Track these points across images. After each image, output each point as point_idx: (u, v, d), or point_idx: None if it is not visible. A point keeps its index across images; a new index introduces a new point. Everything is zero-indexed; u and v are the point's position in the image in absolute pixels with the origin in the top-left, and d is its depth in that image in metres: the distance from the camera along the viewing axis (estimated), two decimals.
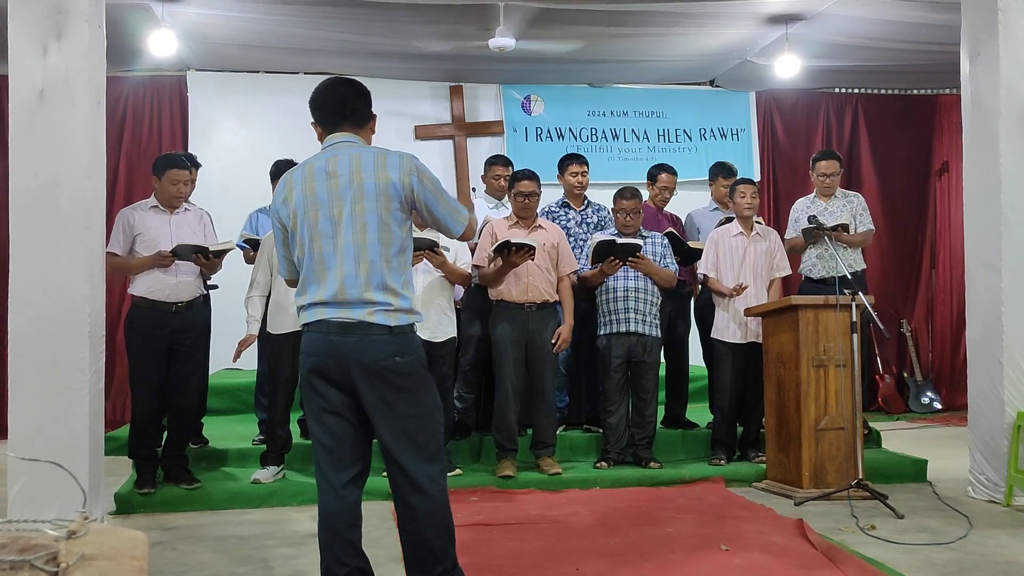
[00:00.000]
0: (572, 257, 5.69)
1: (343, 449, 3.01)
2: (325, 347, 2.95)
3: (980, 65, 5.25)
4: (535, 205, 5.63)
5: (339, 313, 2.93)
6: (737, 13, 7.01)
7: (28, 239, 4.42)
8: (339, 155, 3.00)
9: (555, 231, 5.69)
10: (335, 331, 2.94)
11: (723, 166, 6.82)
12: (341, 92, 3.12)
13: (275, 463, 5.38)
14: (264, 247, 5.38)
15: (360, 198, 2.93)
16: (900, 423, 8.24)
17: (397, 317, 2.95)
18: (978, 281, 5.31)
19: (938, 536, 4.39)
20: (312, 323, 2.99)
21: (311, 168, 3.02)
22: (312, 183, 2.99)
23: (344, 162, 2.97)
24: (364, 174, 2.94)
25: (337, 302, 2.94)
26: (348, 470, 3.01)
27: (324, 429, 3.01)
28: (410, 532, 3.00)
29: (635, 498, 5.22)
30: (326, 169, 2.98)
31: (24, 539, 1.50)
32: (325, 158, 3.02)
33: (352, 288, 2.92)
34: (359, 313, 2.92)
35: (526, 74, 8.55)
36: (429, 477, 2.96)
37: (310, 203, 2.97)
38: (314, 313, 2.98)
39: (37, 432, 4.34)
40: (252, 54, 7.94)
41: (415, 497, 2.96)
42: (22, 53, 4.44)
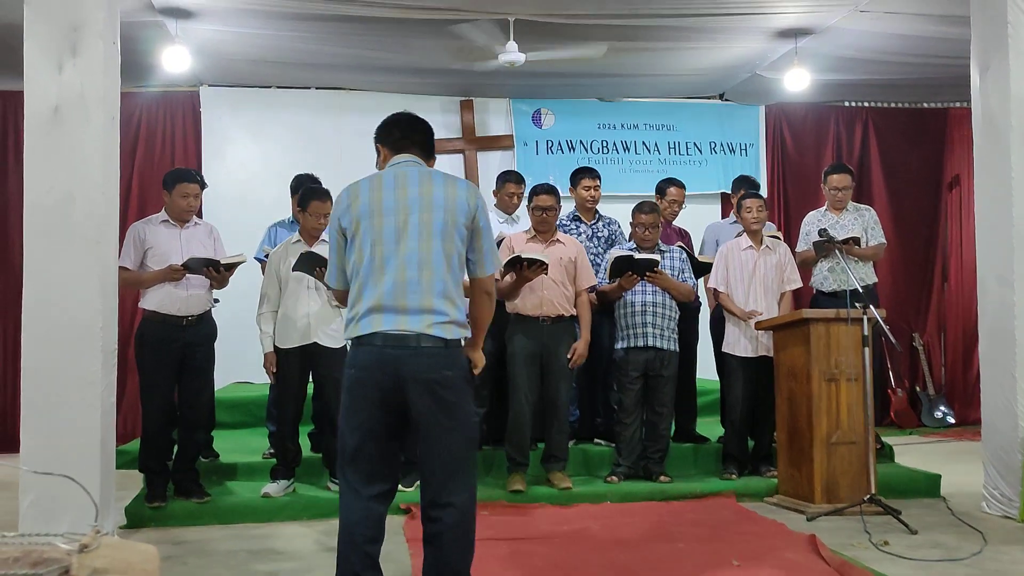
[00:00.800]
0: (591, 272, 5.68)
1: (377, 465, 3.04)
2: (378, 360, 2.98)
3: (990, 78, 5.25)
4: (553, 219, 5.63)
5: (396, 323, 2.97)
6: (747, 27, 7.02)
7: (42, 254, 4.44)
8: (408, 171, 3.11)
9: (573, 245, 5.68)
10: (389, 343, 2.97)
11: (746, 180, 6.81)
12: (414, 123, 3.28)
13: (285, 477, 5.38)
14: (271, 262, 5.40)
15: (428, 208, 3.02)
16: (913, 437, 8.19)
17: (452, 330, 3.02)
18: (990, 294, 5.29)
19: (952, 552, 4.36)
20: (364, 336, 3.01)
21: (379, 179, 3.10)
22: (380, 192, 3.06)
23: (413, 177, 3.08)
24: (434, 188, 3.05)
25: (395, 308, 2.98)
26: (378, 485, 3.05)
27: (361, 443, 3.03)
28: (435, 545, 3.04)
29: (646, 513, 5.20)
30: (395, 181, 3.07)
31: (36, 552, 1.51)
32: (394, 173, 3.11)
33: (413, 293, 2.98)
34: (417, 324, 2.97)
35: (536, 88, 8.58)
36: (459, 489, 3.02)
37: (376, 210, 3.03)
38: (369, 323, 3.00)
39: (49, 445, 4.35)
40: (264, 69, 7.99)
41: (444, 511, 3.01)
42: (37, 69, 4.48)
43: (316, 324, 5.25)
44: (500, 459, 5.70)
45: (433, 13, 6.53)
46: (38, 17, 4.48)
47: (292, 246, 5.34)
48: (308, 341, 5.25)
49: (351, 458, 3.05)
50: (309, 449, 5.75)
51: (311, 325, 5.24)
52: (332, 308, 5.30)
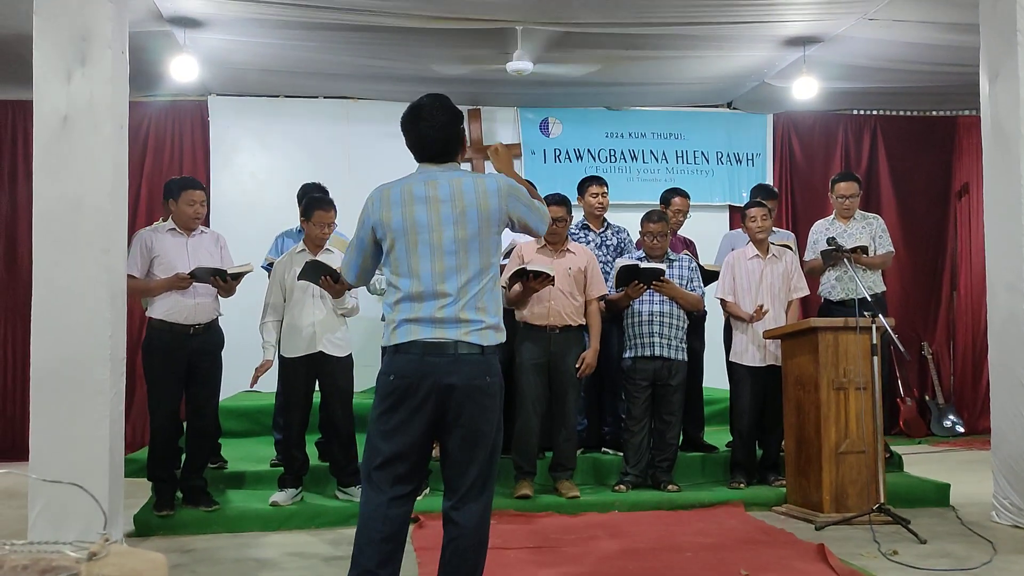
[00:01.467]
0: (601, 281, 5.68)
1: (405, 468, 3.05)
2: (418, 368, 3.00)
3: (1000, 86, 5.24)
4: (564, 230, 5.63)
5: (434, 333, 3.00)
6: (754, 36, 7.02)
7: (51, 262, 4.46)
8: (439, 180, 3.09)
9: (584, 255, 5.68)
10: (430, 352, 3.00)
11: (764, 188, 6.81)
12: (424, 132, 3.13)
13: (293, 485, 5.38)
14: (276, 271, 5.41)
15: (463, 223, 3.03)
16: (922, 447, 8.16)
17: (488, 336, 3.05)
18: (1000, 303, 5.27)
19: (962, 562, 4.33)
20: (404, 344, 3.03)
21: (410, 191, 3.09)
22: (412, 207, 3.06)
23: (444, 188, 3.07)
24: (466, 200, 3.05)
25: (432, 320, 3.01)
26: (403, 487, 3.06)
27: (390, 448, 3.03)
28: (450, 548, 3.06)
29: (654, 522, 5.19)
30: (426, 194, 3.06)
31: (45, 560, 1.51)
32: (424, 181, 3.10)
33: (451, 308, 3.00)
34: (454, 333, 3.00)
35: (544, 97, 8.59)
36: (482, 494, 3.06)
37: (410, 226, 3.04)
38: (407, 332, 3.03)
39: (58, 454, 4.36)
40: (272, 79, 8.02)
41: (465, 515, 3.04)
42: (47, 79, 4.50)
43: (321, 333, 5.26)
44: (507, 467, 5.68)
45: (441, 22, 6.54)
46: (47, 27, 4.50)
47: (297, 255, 5.35)
48: (314, 350, 5.26)
49: (381, 463, 3.04)
50: (316, 458, 5.75)
51: (316, 334, 5.25)
52: (337, 317, 5.31)
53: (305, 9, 6.27)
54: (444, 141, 3.15)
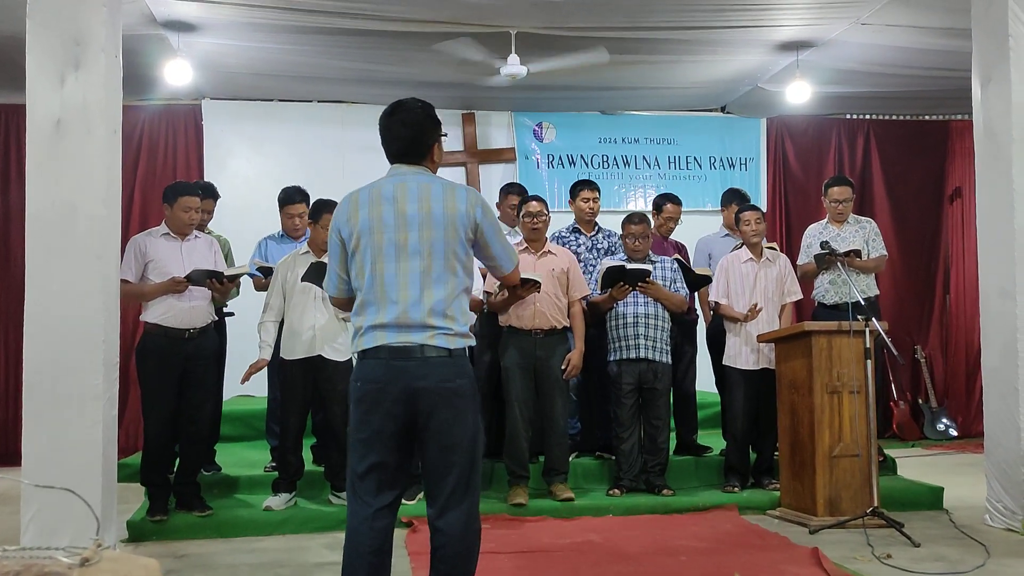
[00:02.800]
0: (583, 282, 5.69)
1: (386, 475, 3.02)
2: (385, 373, 2.98)
3: (992, 91, 5.26)
4: (544, 228, 5.64)
5: (399, 337, 2.97)
6: (748, 40, 7.04)
7: (44, 266, 4.45)
8: (407, 182, 3.06)
9: (565, 256, 5.69)
10: (395, 356, 2.97)
11: (736, 192, 6.83)
12: (396, 130, 3.12)
13: (287, 490, 5.37)
14: (278, 272, 5.40)
15: (428, 226, 2.99)
16: (915, 450, 8.18)
17: (455, 340, 3.00)
18: (993, 307, 5.29)
19: (955, 565, 4.34)
20: (370, 349, 3.01)
21: (378, 192, 3.06)
22: (379, 207, 3.02)
23: (413, 190, 3.03)
24: (433, 203, 3.01)
25: (397, 325, 2.97)
26: (385, 496, 3.03)
27: (370, 455, 3.01)
28: (439, 556, 3.03)
29: (648, 526, 5.18)
30: (394, 195, 3.03)
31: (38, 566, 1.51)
32: (393, 184, 3.07)
33: (415, 312, 2.97)
34: (420, 337, 2.96)
35: (537, 101, 8.60)
36: (466, 499, 3.02)
37: (376, 226, 3.01)
38: (373, 338, 3.00)
39: (51, 459, 4.35)
40: (266, 83, 8.02)
41: (449, 522, 3.00)
42: (40, 83, 4.49)
43: (322, 337, 5.25)
44: (501, 472, 5.69)
45: (435, 26, 6.55)
46: (40, 31, 4.50)
47: (300, 257, 5.35)
48: (313, 354, 5.25)
49: (361, 471, 3.03)
50: (311, 462, 5.74)
51: (316, 338, 5.24)
52: (339, 321, 5.30)
53: (299, 13, 6.28)
54: (412, 139, 3.09)
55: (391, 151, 3.14)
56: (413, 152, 3.11)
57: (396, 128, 3.11)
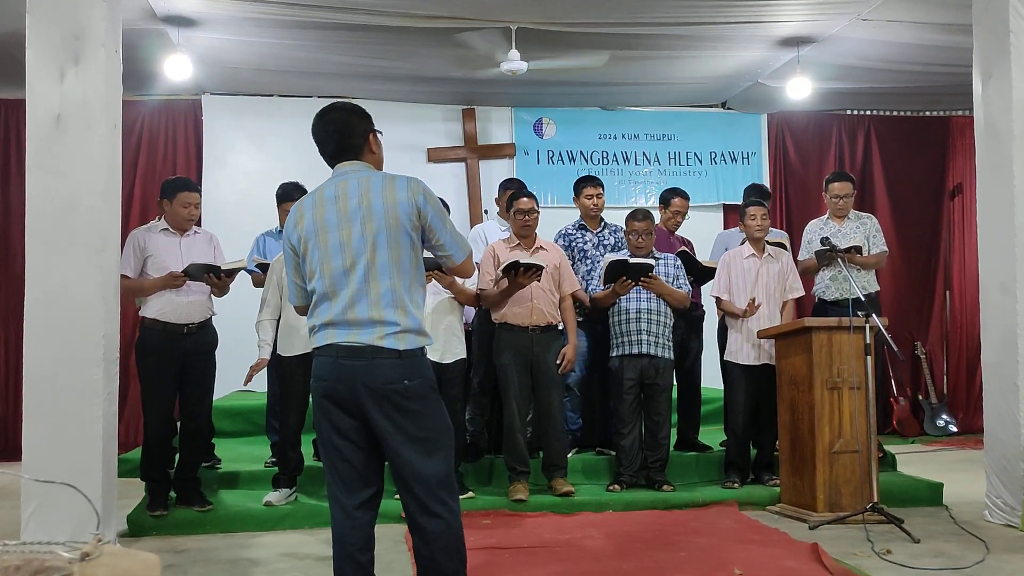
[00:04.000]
0: (573, 276, 5.71)
1: (354, 473, 3.01)
2: (335, 371, 2.96)
3: (993, 87, 5.25)
4: (534, 223, 5.64)
5: (348, 336, 2.95)
6: (748, 36, 7.03)
7: (44, 261, 4.45)
8: (348, 180, 3.05)
9: (556, 252, 5.69)
10: (344, 355, 2.95)
11: (757, 188, 6.82)
12: (324, 133, 3.15)
13: (287, 485, 5.38)
14: (273, 269, 5.39)
15: (369, 218, 2.96)
16: (915, 446, 8.18)
17: (406, 340, 2.95)
18: (993, 303, 5.28)
19: (955, 561, 4.34)
20: (322, 347, 3.01)
21: (321, 194, 3.06)
22: (322, 208, 3.02)
23: (353, 186, 3.02)
24: (372, 195, 2.98)
25: (347, 322, 2.95)
26: (360, 493, 3.02)
27: (335, 453, 3.01)
28: (423, 556, 3.00)
29: (648, 521, 5.19)
30: (335, 194, 3.03)
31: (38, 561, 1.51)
32: (335, 184, 3.07)
33: (362, 307, 2.94)
34: (368, 336, 2.93)
35: (538, 97, 8.60)
36: (440, 500, 2.96)
37: (320, 227, 3.00)
38: (324, 336, 3.00)
39: (51, 454, 4.35)
40: (266, 78, 8.01)
41: (427, 520, 2.95)
42: (40, 78, 4.49)
43: None
44: (502, 468, 5.69)
45: (435, 22, 6.54)
46: (40, 25, 4.49)
47: None
48: (310, 349, 5.23)
49: (328, 469, 3.04)
50: (311, 457, 5.74)
51: None
52: None
53: (299, 8, 6.27)
54: (341, 136, 3.11)
55: (328, 153, 3.15)
56: (347, 149, 3.12)
57: (324, 131, 3.14)
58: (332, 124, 3.14)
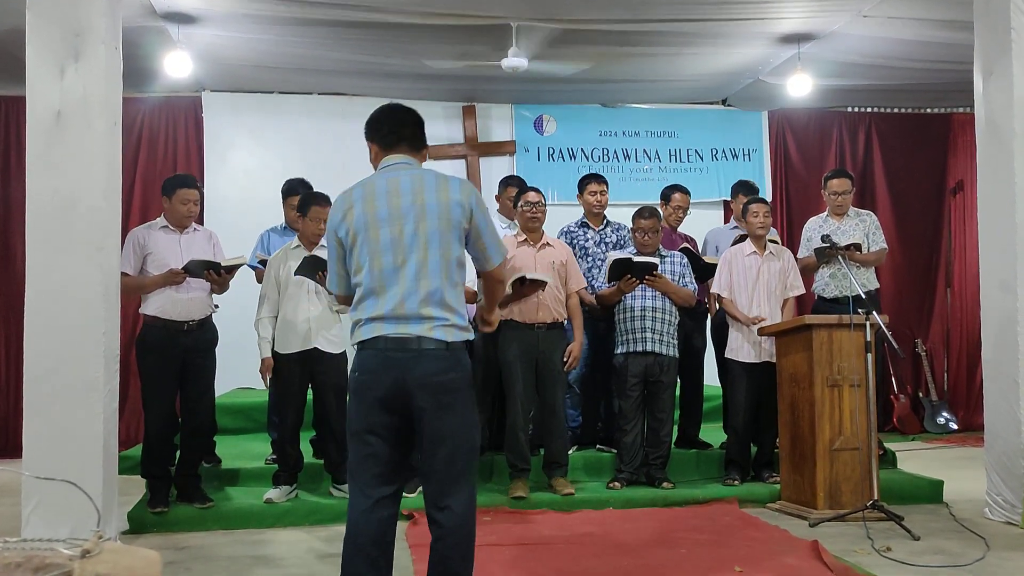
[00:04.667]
0: (580, 274, 5.71)
1: (383, 467, 3.04)
2: (381, 363, 3.00)
3: (994, 84, 5.25)
4: (542, 217, 5.64)
5: (397, 328, 2.99)
6: (749, 33, 7.02)
7: (44, 259, 4.45)
8: (400, 176, 3.09)
9: (563, 249, 5.69)
10: (392, 347, 2.99)
11: (745, 184, 6.83)
12: (402, 116, 3.24)
13: (287, 482, 5.38)
14: (271, 266, 5.39)
15: (423, 217, 3.01)
16: (915, 444, 8.18)
17: (453, 333, 3.02)
18: (993, 301, 5.28)
19: (955, 558, 4.35)
20: (368, 340, 3.03)
21: (372, 187, 3.09)
22: (373, 202, 3.05)
23: (406, 182, 3.06)
24: (426, 194, 3.03)
25: (395, 316, 2.99)
26: (385, 487, 3.04)
27: (366, 447, 3.03)
28: (437, 549, 3.04)
29: (648, 519, 5.19)
30: (387, 188, 3.06)
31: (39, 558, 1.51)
32: (386, 178, 3.10)
33: (412, 303, 2.98)
34: (417, 328, 2.98)
35: (538, 94, 8.59)
36: (461, 494, 3.02)
37: (371, 221, 3.03)
38: (371, 329, 3.02)
39: (52, 451, 4.36)
40: (267, 75, 8.00)
41: (445, 513, 3.00)
42: (40, 75, 4.49)
43: (317, 329, 5.25)
44: (502, 465, 5.70)
45: (436, 18, 6.53)
46: (40, 22, 4.49)
47: (292, 251, 5.34)
48: (308, 346, 5.25)
49: (359, 462, 3.05)
50: (311, 455, 5.75)
51: (312, 330, 5.25)
52: (332, 313, 5.31)
53: (299, 5, 6.26)
54: (416, 127, 3.21)
55: (396, 135, 3.19)
56: (417, 140, 3.21)
57: (402, 116, 3.22)
58: (410, 115, 3.25)
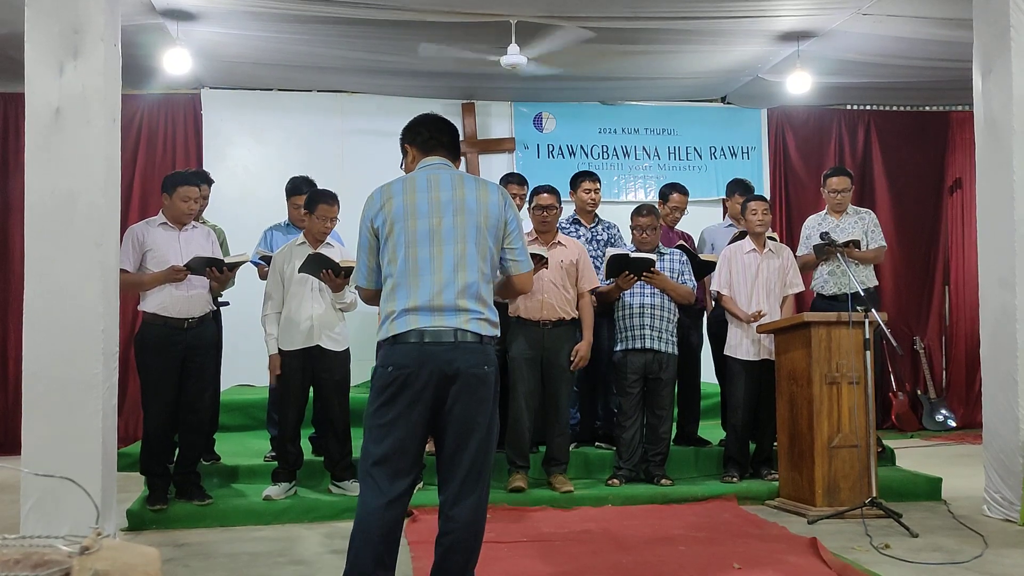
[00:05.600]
0: (593, 273, 5.69)
1: (404, 461, 3.04)
2: (417, 356, 3.00)
3: (992, 81, 5.25)
4: (554, 219, 5.64)
5: (433, 321, 3.01)
6: (749, 30, 7.02)
7: (43, 256, 4.45)
8: (440, 174, 3.16)
9: (575, 247, 5.68)
10: (429, 339, 3.00)
11: (740, 183, 6.83)
12: (441, 124, 3.33)
13: (287, 480, 5.38)
14: (275, 262, 5.39)
15: (461, 211, 3.07)
16: (914, 441, 8.19)
17: (486, 327, 3.07)
18: (992, 298, 5.29)
19: (953, 555, 4.35)
20: (401, 334, 3.02)
21: (413, 181, 3.14)
22: (413, 195, 3.10)
23: (446, 179, 3.14)
24: (466, 191, 3.11)
25: (431, 308, 3.01)
26: (402, 481, 3.04)
27: (392, 439, 3.02)
28: (447, 544, 3.06)
29: (647, 516, 5.19)
30: (428, 184, 3.12)
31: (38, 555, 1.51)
32: (426, 175, 3.16)
33: (449, 294, 3.02)
34: (454, 320, 3.01)
35: (537, 91, 8.58)
36: (479, 489, 3.06)
37: (410, 212, 3.07)
38: (405, 322, 3.02)
39: (51, 448, 4.36)
40: (266, 72, 8.00)
41: (461, 509, 3.03)
42: (39, 72, 4.48)
43: (319, 327, 5.26)
44: (501, 462, 5.68)
45: (435, 15, 6.53)
46: (39, 19, 4.49)
47: (297, 248, 5.34)
48: (311, 344, 5.25)
49: (380, 458, 3.02)
50: (310, 452, 5.75)
51: (314, 328, 5.25)
52: (335, 311, 5.31)
53: (298, 2, 6.26)
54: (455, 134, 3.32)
55: (438, 140, 3.27)
56: (454, 148, 3.31)
57: (442, 124, 3.32)
58: (448, 125, 3.35)
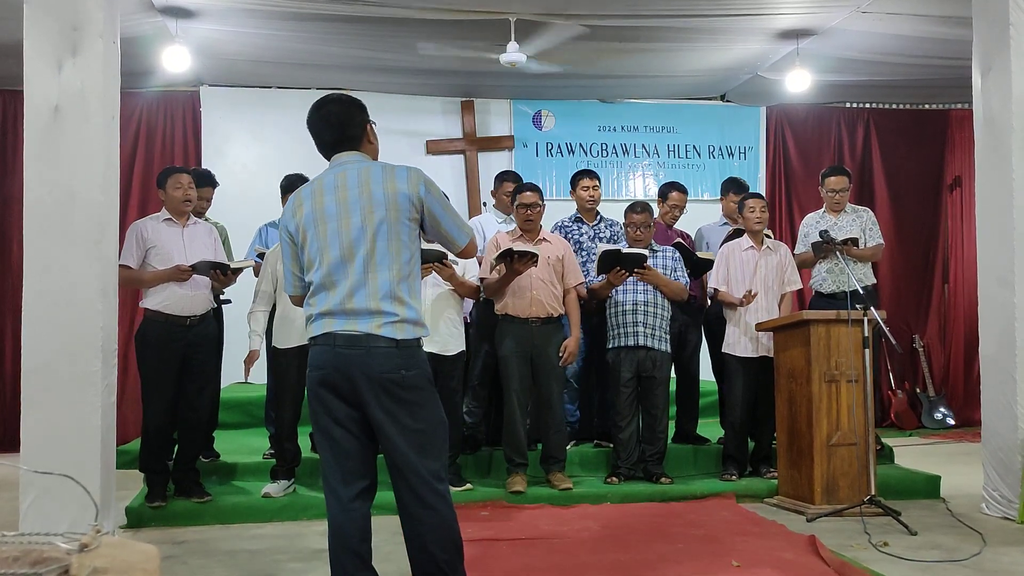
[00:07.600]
0: (578, 269, 5.69)
1: (350, 463, 3.01)
2: (332, 360, 2.97)
3: (992, 80, 5.25)
4: (538, 217, 5.63)
5: (346, 325, 2.95)
6: (748, 28, 7.02)
7: (42, 253, 4.44)
8: (348, 170, 3.05)
9: (560, 244, 5.69)
10: (341, 344, 2.95)
11: (735, 181, 6.83)
12: (324, 123, 3.15)
13: (285, 477, 5.38)
14: (268, 260, 5.39)
15: (370, 209, 2.96)
16: (913, 439, 8.19)
17: (404, 330, 2.96)
18: (991, 296, 5.29)
19: (951, 553, 4.36)
20: (319, 336, 3.01)
21: (320, 183, 3.07)
22: (321, 198, 3.02)
23: (353, 176, 3.02)
24: (373, 185, 2.98)
25: (344, 312, 2.96)
26: (356, 484, 3.02)
27: (331, 443, 3.02)
28: (416, 547, 3.00)
29: (646, 514, 5.19)
30: (335, 184, 3.03)
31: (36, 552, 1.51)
32: (334, 174, 3.07)
33: (360, 297, 2.94)
34: (366, 325, 2.94)
35: (537, 89, 8.59)
36: (435, 492, 2.96)
37: (319, 216, 3.00)
38: (321, 325, 3.00)
39: (49, 445, 4.35)
40: (265, 70, 8.00)
41: (421, 512, 2.96)
42: (38, 69, 4.48)
43: None
44: (500, 460, 5.70)
45: (434, 13, 6.53)
46: (38, 16, 4.48)
47: None
48: (306, 341, 5.24)
49: (325, 459, 3.04)
50: (309, 449, 5.74)
51: None
52: None
53: (298, 0, 6.25)
54: (341, 126, 3.11)
55: (325, 144, 3.15)
56: (346, 140, 3.13)
57: (322, 122, 3.14)
58: (331, 115, 3.14)
